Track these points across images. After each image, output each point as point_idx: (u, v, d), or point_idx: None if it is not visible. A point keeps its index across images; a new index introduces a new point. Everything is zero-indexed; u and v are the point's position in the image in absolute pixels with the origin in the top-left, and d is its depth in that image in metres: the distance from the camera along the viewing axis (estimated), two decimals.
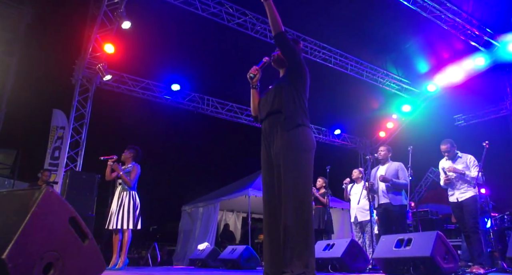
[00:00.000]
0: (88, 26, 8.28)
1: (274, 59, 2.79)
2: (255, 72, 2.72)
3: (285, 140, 2.45)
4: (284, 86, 2.62)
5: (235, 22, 8.38)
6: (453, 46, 9.22)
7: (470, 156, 5.08)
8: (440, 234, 3.69)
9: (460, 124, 11.05)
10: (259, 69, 2.73)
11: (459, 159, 5.09)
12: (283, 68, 2.83)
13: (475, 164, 4.99)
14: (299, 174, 2.38)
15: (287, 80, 2.66)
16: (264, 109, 2.67)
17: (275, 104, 2.58)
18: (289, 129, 2.46)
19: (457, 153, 5.15)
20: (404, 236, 4.06)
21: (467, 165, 5.00)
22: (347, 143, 13.45)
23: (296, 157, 2.41)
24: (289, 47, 2.62)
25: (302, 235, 2.28)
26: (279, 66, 2.84)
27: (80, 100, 8.89)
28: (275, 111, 2.57)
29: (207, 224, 9.75)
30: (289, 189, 2.35)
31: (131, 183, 5.21)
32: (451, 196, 5.08)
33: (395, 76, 10.74)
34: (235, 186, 10.44)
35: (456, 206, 5.01)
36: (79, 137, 8.77)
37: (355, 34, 8.95)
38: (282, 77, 2.80)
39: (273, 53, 2.80)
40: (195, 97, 10.67)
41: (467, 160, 5.04)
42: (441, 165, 5.31)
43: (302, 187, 2.37)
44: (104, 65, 8.34)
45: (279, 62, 2.80)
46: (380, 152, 5.61)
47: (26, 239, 1.72)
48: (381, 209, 5.34)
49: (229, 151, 12.93)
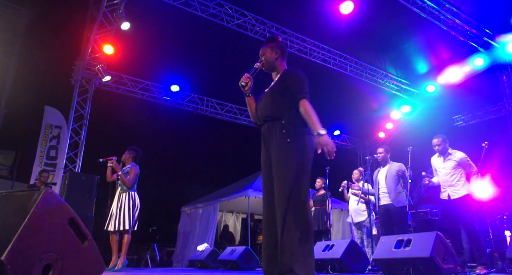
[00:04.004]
0: (87, 27, 8.29)
1: (263, 64, 2.75)
2: (246, 80, 2.67)
3: (285, 150, 2.44)
4: (280, 90, 2.59)
5: (235, 23, 8.37)
6: (452, 46, 9.21)
7: (461, 153, 4.98)
8: (439, 234, 3.70)
9: (459, 125, 11.04)
10: (250, 76, 2.68)
11: (449, 156, 5.01)
12: (274, 71, 2.79)
13: (467, 160, 4.92)
14: (296, 176, 2.39)
15: (283, 84, 2.62)
16: (261, 115, 2.65)
17: (273, 109, 2.56)
18: (289, 140, 2.45)
19: (448, 149, 5.06)
20: (403, 236, 4.07)
21: (459, 163, 4.91)
22: (346, 143, 13.45)
23: (294, 161, 2.40)
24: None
25: (300, 236, 2.28)
26: (270, 69, 2.80)
27: (79, 101, 8.89)
28: (273, 117, 2.55)
29: (206, 225, 9.75)
30: (287, 191, 2.35)
31: (130, 183, 5.20)
32: (443, 193, 5.00)
33: (395, 76, 10.75)
34: (234, 187, 10.44)
35: (447, 204, 4.93)
36: (78, 138, 8.77)
37: (355, 35, 8.95)
38: (276, 80, 2.74)
39: (259, 60, 2.76)
40: (195, 98, 10.67)
41: (458, 158, 4.94)
42: (432, 162, 5.25)
43: (299, 189, 2.37)
44: (103, 66, 8.35)
45: (269, 66, 2.76)
46: (379, 155, 5.59)
47: (25, 240, 1.72)
48: (382, 210, 5.34)
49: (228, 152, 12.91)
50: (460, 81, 9.76)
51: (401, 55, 9.74)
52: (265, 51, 2.75)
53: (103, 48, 8.08)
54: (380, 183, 5.46)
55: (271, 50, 2.74)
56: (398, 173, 5.29)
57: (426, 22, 8.24)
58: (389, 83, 10.78)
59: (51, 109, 8.60)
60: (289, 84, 2.59)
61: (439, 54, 9.68)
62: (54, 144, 8.33)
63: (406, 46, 9.27)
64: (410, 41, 9.10)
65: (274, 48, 2.75)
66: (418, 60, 9.88)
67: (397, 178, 5.29)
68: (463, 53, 9.30)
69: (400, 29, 8.73)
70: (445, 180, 4.97)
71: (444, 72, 9.97)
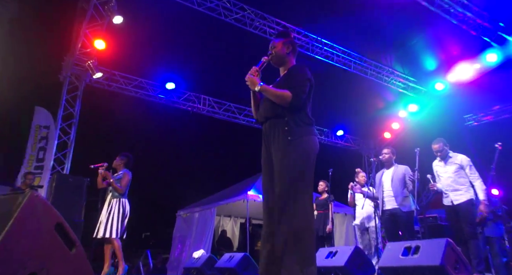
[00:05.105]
0: (77, 20, 8.23)
1: (273, 57, 2.79)
2: (255, 73, 2.68)
3: (287, 149, 2.46)
4: (286, 87, 2.60)
5: (233, 17, 8.35)
6: (463, 41, 9.14)
7: (462, 156, 4.97)
8: (450, 241, 3.66)
9: (471, 124, 11.02)
10: (258, 69, 2.71)
11: (450, 159, 5.02)
12: (282, 66, 2.84)
13: (469, 164, 4.89)
14: (298, 179, 2.40)
15: (288, 82, 2.64)
16: (264, 112, 2.68)
17: (276, 106, 2.57)
18: (292, 139, 2.47)
19: (449, 152, 5.07)
20: (411, 243, 4.03)
21: (460, 166, 4.91)
22: (350, 144, 13.44)
23: (296, 162, 2.42)
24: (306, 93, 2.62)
25: (302, 241, 2.29)
26: (278, 64, 2.84)
27: (69, 99, 8.83)
28: (276, 115, 2.57)
29: (203, 230, 9.74)
30: (288, 194, 2.36)
31: (122, 190, 5.24)
32: (445, 198, 4.99)
33: (401, 74, 10.72)
34: (233, 190, 10.44)
35: (451, 210, 4.92)
36: (67, 138, 8.70)
37: (359, 30, 8.92)
38: (283, 76, 2.79)
39: (269, 52, 2.80)
40: (191, 96, 10.65)
41: (459, 160, 4.94)
42: (434, 167, 5.25)
43: (302, 191, 2.39)
44: (94, 62, 8.31)
45: (278, 60, 2.81)
46: (384, 155, 5.58)
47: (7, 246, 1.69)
48: (387, 215, 5.31)
49: (226, 153, 12.92)
50: (472, 79, 9.71)
51: (408, 51, 9.70)
52: (277, 44, 2.80)
53: (94, 43, 8.03)
54: (384, 186, 5.43)
55: (283, 44, 2.81)
56: (409, 177, 5.26)
57: (435, 16, 8.17)
58: (395, 81, 10.76)
59: (41, 109, 8.61)
60: (291, 78, 2.63)
61: (448, 50, 9.62)
62: (43, 145, 8.30)
63: (413, 42, 9.23)
64: (418, 36, 9.06)
65: (286, 43, 2.81)
66: (426, 56, 9.85)
67: (404, 181, 5.27)
68: (474, 48, 9.24)
69: (407, 24, 8.68)
70: (448, 185, 4.96)
71: (454, 69, 9.92)
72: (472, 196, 4.79)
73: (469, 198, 4.78)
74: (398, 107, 11.77)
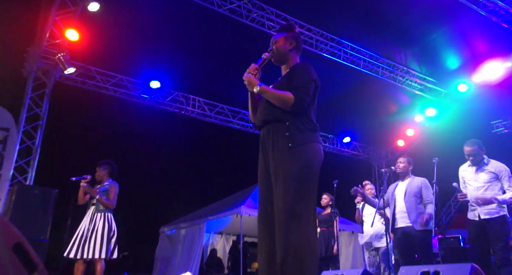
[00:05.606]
0: (44, 5, 8.09)
1: (274, 54, 2.81)
2: (254, 72, 2.70)
3: (287, 158, 2.46)
4: (287, 87, 2.61)
5: (227, 7, 8.33)
6: (492, 36, 9.10)
7: (501, 165, 4.83)
8: (475, 267, 3.61)
9: (499, 131, 11.04)
10: (258, 67, 2.73)
11: (484, 166, 4.87)
12: (284, 64, 2.86)
13: (508, 175, 4.74)
14: (299, 191, 2.39)
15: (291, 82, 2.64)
16: (262, 115, 2.69)
17: (276, 109, 2.58)
18: (293, 147, 2.47)
19: (484, 158, 4.90)
20: (429, 267, 3.98)
21: (496, 175, 4.77)
22: (359, 153, 13.48)
23: (297, 173, 2.42)
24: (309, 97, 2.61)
25: (302, 264, 2.27)
26: (280, 62, 2.87)
27: (34, 97, 8.69)
28: (276, 119, 2.58)
29: (190, 250, 9.73)
30: (287, 209, 2.35)
31: (112, 205, 5.25)
32: (472, 211, 4.84)
33: (418, 73, 10.76)
34: (224, 204, 10.46)
35: (477, 226, 4.76)
36: (31, 142, 8.53)
37: (369, 24, 8.95)
38: (285, 75, 2.80)
39: (269, 48, 2.82)
40: (178, 96, 10.63)
41: (496, 169, 4.80)
42: (461, 172, 5.12)
43: (302, 207, 2.38)
44: (65, 55, 8.20)
45: (280, 57, 2.83)
46: (399, 164, 5.54)
47: None
48: (400, 234, 5.26)
49: (218, 161, 12.91)
50: (501, 79, 9.70)
51: (427, 48, 9.73)
52: (279, 39, 2.84)
53: (65, 33, 7.91)
54: (397, 200, 5.38)
55: (286, 39, 2.83)
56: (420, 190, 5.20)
57: (459, 6, 8.10)
58: (411, 81, 10.78)
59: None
60: (294, 78, 2.63)
61: (474, 46, 9.60)
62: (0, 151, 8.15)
63: (432, 37, 9.24)
64: (438, 30, 9.06)
65: (289, 38, 2.84)
66: (447, 54, 9.87)
67: (420, 195, 5.23)
68: (505, 44, 9.26)
69: (426, 16, 8.69)
70: (476, 196, 4.79)
71: (480, 68, 9.92)
72: (505, 212, 4.65)
73: (502, 214, 4.63)
74: (414, 112, 11.82)
